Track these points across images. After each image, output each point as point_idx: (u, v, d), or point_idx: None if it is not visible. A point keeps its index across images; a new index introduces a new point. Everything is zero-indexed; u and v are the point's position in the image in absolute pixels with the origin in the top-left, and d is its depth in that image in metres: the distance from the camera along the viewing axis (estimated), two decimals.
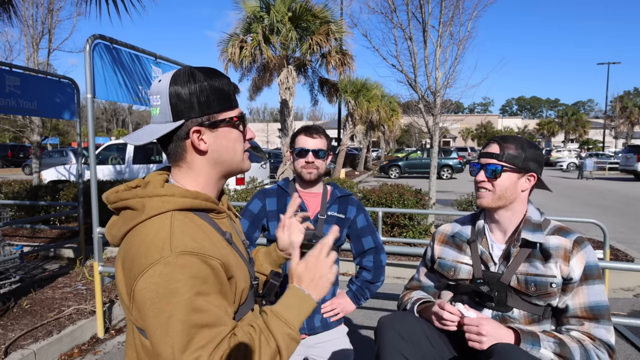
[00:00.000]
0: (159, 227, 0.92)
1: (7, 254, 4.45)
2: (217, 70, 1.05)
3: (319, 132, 1.94)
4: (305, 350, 1.94)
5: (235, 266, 0.99)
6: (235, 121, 1.04)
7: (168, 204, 0.96)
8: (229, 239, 1.03)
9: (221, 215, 1.08)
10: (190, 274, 0.86)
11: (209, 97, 1.00)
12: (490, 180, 1.51)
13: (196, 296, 0.85)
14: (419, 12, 6.93)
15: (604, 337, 1.37)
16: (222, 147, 1.03)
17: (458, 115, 47.65)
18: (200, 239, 0.93)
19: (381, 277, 2.03)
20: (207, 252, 0.90)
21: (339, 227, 1.95)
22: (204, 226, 0.99)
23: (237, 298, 0.99)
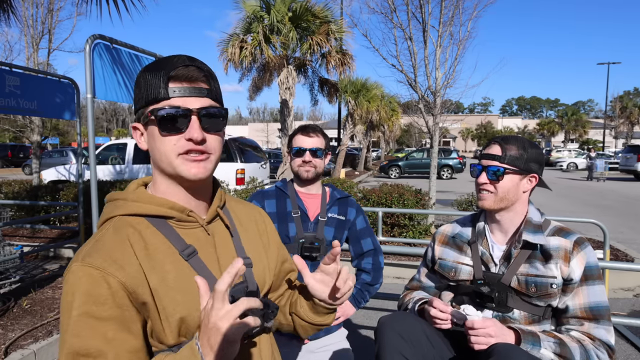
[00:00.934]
0: (96, 233, 0.90)
1: (7, 254, 4.45)
2: (172, 56, 0.91)
3: (315, 131, 1.94)
4: (307, 355, 1.93)
5: (171, 288, 0.85)
6: (150, 115, 0.87)
7: (118, 209, 0.91)
8: (187, 253, 0.90)
9: (187, 224, 0.93)
10: (85, 290, 0.79)
11: (140, 90, 0.89)
12: (492, 183, 1.50)
13: (83, 317, 0.78)
14: (419, 12, 6.93)
15: (603, 338, 1.37)
16: (151, 147, 0.91)
17: (458, 115, 47.64)
18: (118, 253, 0.83)
19: (380, 279, 2.03)
20: (112, 270, 0.81)
21: (339, 229, 1.95)
22: (150, 235, 0.89)
23: (168, 328, 0.84)
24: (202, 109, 0.88)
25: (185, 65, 0.87)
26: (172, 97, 0.86)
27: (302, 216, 1.91)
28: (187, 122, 0.87)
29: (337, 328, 1.99)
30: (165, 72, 0.86)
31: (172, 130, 0.87)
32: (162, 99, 0.87)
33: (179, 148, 0.88)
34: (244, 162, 9.29)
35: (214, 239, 0.97)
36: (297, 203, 1.93)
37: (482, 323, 1.33)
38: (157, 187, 0.95)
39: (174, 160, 0.88)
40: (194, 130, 0.87)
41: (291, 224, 1.90)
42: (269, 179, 10.98)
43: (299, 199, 1.95)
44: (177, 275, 0.87)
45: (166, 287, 0.85)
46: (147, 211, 0.90)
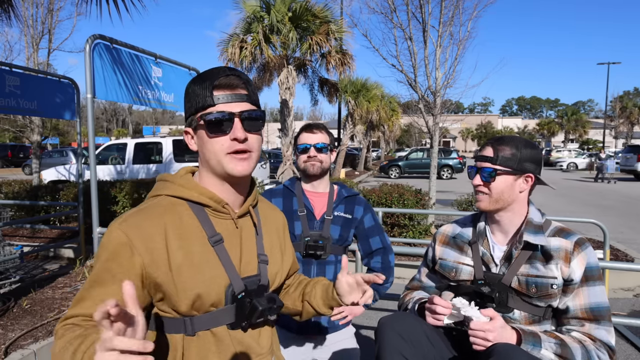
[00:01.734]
0: (144, 203, 1.04)
1: (7, 254, 4.45)
2: (215, 68, 1.05)
3: (319, 128, 1.95)
4: (313, 351, 1.94)
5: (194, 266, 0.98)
6: (200, 121, 1.01)
7: (166, 189, 1.05)
8: (214, 239, 1.03)
9: (221, 214, 1.06)
10: (112, 248, 0.94)
11: (189, 100, 1.04)
12: (486, 184, 1.51)
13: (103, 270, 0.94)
14: (419, 12, 6.94)
15: (604, 338, 1.37)
16: (202, 147, 1.04)
17: (458, 115, 47.67)
18: (149, 227, 0.97)
19: (390, 278, 2.01)
20: (138, 237, 0.94)
21: (346, 227, 1.95)
22: (187, 217, 1.02)
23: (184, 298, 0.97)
24: (243, 112, 1.01)
25: (226, 75, 1.01)
26: (217, 103, 1.00)
27: (308, 215, 1.92)
28: (231, 124, 1.00)
29: (345, 325, 1.99)
30: (210, 82, 1.00)
31: (219, 132, 1.00)
32: (208, 105, 1.00)
33: (226, 148, 1.00)
34: None
35: (241, 232, 1.10)
36: (304, 201, 1.94)
37: (482, 326, 1.32)
38: (202, 178, 1.07)
39: (222, 158, 1.01)
40: (238, 130, 0.99)
41: (297, 223, 1.91)
42: (269, 179, 10.99)
43: (305, 197, 1.95)
44: (202, 256, 1.00)
45: (190, 264, 0.98)
46: (190, 196, 1.03)
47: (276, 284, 1.17)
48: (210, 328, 1.01)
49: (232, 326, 1.04)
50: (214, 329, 1.02)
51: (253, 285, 1.07)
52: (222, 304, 1.02)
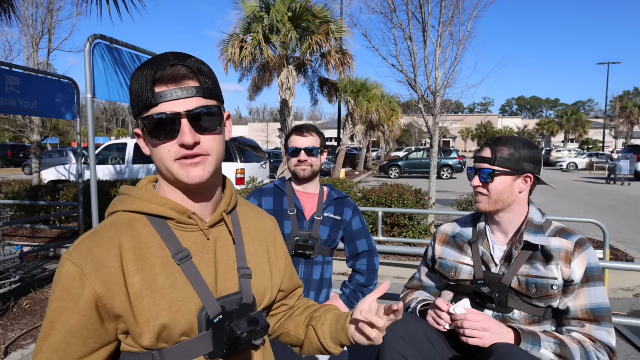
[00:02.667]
0: (98, 225, 0.90)
1: (7, 254, 4.45)
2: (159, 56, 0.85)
3: (309, 130, 1.95)
4: None
5: (156, 291, 0.83)
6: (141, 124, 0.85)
7: (121, 204, 0.91)
8: (180, 257, 0.87)
9: (188, 227, 0.90)
10: (62, 285, 0.81)
11: (132, 96, 0.86)
12: (485, 185, 1.51)
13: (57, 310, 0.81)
14: (419, 12, 6.93)
15: (604, 339, 1.37)
16: (151, 153, 0.88)
17: (458, 115, 47.68)
18: (100, 252, 0.82)
19: (374, 281, 2.04)
20: (89, 265, 0.81)
21: (335, 229, 1.96)
22: (146, 234, 0.87)
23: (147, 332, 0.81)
24: (192, 110, 0.82)
25: (170, 64, 0.82)
26: (160, 102, 0.82)
27: (298, 215, 1.93)
28: (177, 126, 0.82)
29: None
30: (150, 75, 0.81)
31: (164, 137, 0.83)
32: (150, 105, 0.82)
33: (174, 154, 0.84)
34: (244, 162, 9.30)
35: (216, 244, 0.93)
36: (294, 202, 1.95)
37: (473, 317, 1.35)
38: (162, 187, 0.93)
39: (171, 166, 0.85)
40: (185, 135, 0.82)
41: (287, 222, 1.92)
42: (269, 179, 10.98)
43: (296, 197, 1.97)
44: (165, 279, 0.84)
45: (152, 290, 0.83)
46: (148, 210, 0.88)
47: (266, 301, 1.00)
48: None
49: (211, 356, 0.87)
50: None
51: (233, 305, 0.90)
52: (195, 332, 0.86)
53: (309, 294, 1.94)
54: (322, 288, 1.98)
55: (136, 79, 0.83)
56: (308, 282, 1.93)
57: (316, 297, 1.96)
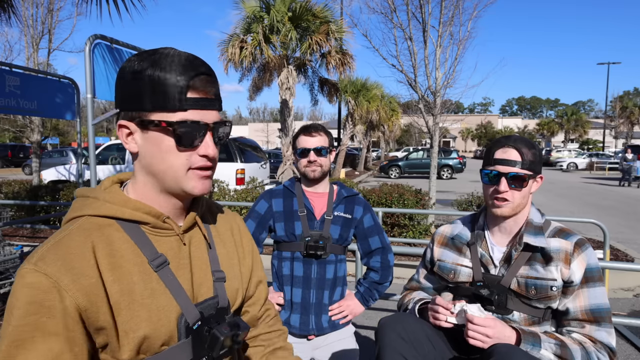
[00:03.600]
0: (59, 231, 0.80)
1: (7, 254, 4.45)
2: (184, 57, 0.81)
3: (318, 130, 1.94)
4: (312, 351, 1.94)
5: (135, 301, 0.78)
6: (165, 127, 0.79)
7: (87, 207, 0.83)
8: (156, 263, 0.83)
9: (162, 232, 0.87)
10: (30, 298, 0.71)
11: (141, 89, 0.79)
12: (514, 190, 1.44)
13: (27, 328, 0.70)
14: (419, 12, 6.94)
15: (605, 340, 1.37)
16: (151, 154, 0.82)
17: (458, 115, 47.71)
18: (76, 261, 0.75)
19: (389, 278, 2.03)
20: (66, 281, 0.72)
21: (345, 227, 1.96)
22: (119, 241, 0.81)
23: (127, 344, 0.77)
24: (217, 124, 0.84)
25: (203, 73, 0.81)
26: (189, 108, 0.79)
27: (308, 215, 1.92)
28: (202, 137, 0.82)
29: (345, 325, 2.00)
30: (183, 78, 0.78)
31: (189, 145, 0.81)
32: (178, 109, 0.79)
33: (191, 163, 0.83)
34: (244, 162, 9.29)
35: (190, 248, 0.91)
36: (304, 202, 1.94)
37: (483, 321, 1.33)
38: (138, 188, 0.87)
39: (182, 175, 0.83)
40: (210, 147, 0.83)
41: (297, 223, 1.91)
42: (269, 179, 10.99)
43: (305, 197, 1.96)
44: (144, 287, 0.80)
45: (131, 300, 0.78)
46: (120, 214, 0.83)
47: (237, 302, 0.99)
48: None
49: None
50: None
51: (210, 310, 0.89)
52: (174, 340, 0.83)
53: (323, 293, 1.92)
54: (335, 286, 1.97)
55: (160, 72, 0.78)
56: (321, 281, 1.92)
57: (330, 295, 1.95)
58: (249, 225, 1.98)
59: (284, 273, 1.94)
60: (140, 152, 0.84)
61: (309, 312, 1.90)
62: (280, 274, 1.96)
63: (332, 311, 1.94)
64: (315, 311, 1.91)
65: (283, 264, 1.94)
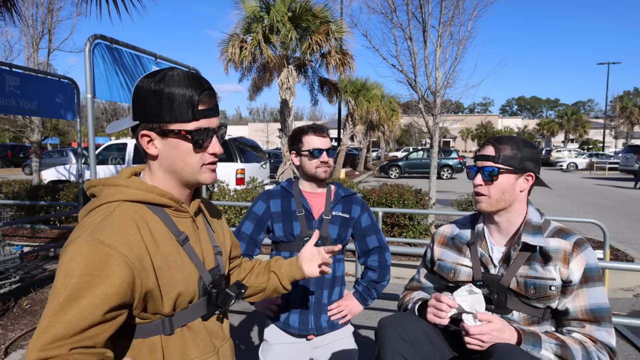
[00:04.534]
0: (102, 212, 0.96)
1: (7, 254, 4.46)
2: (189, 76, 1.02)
3: (325, 131, 1.97)
4: (312, 350, 1.95)
5: (173, 267, 1.00)
6: (184, 135, 1.01)
7: (120, 193, 1.00)
8: (181, 239, 1.04)
9: (181, 214, 1.08)
10: (90, 262, 0.85)
11: (161, 105, 0.99)
12: (488, 184, 1.49)
13: (84, 287, 0.84)
14: (419, 12, 6.94)
15: (605, 340, 1.37)
16: (172, 156, 1.03)
17: (458, 115, 47.69)
18: (124, 234, 0.92)
19: (387, 277, 2.03)
20: (124, 250, 0.89)
21: (344, 227, 1.96)
22: (151, 221, 1.00)
23: (168, 300, 0.99)
24: (220, 127, 1.08)
25: (209, 88, 1.03)
26: (200, 118, 1.01)
27: (306, 215, 1.93)
28: (210, 139, 1.05)
29: (344, 324, 2.00)
30: (195, 93, 1.00)
31: (202, 147, 1.03)
32: (192, 119, 1.00)
33: (204, 160, 1.05)
34: (244, 162, 9.29)
35: (198, 228, 1.14)
36: (302, 202, 1.94)
37: (478, 330, 1.32)
38: (156, 179, 1.06)
39: (197, 170, 1.05)
40: (217, 146, 1.06)
41: (295, 223, 1.92)
42: (269, 179, 10.99)
43: (303, 198, 1.96)
44: (176, 257, 1.01)
45: (169, 266, 0.99)
46: (149, 199, 1.02)
47: (227, 269, 1.26)
48: (187, 323, 1.05)
49: (205, 317, 1.10)
50: (189, 323, 1.06)
51: (216, 276, 1.14)
52: (196, 298, 1.06)
53: (322, 293, 1.93)
54: (334, 286, 1.97)
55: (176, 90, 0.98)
56: (320, 280, 1.92)
57: (329, 295, 1.95)
58: (247, 226, 1.98)
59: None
60: (160, 155, 1.04)
61: (308, 312, 1.91)
62: None
63: (331, 311, 1.94)
64: (314, 311, 1.91)
65: None
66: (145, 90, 1.00)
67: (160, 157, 1.04)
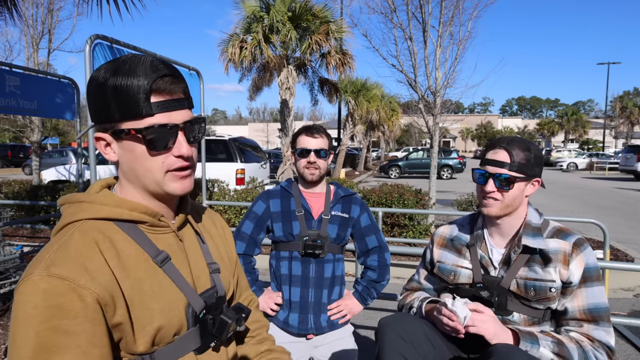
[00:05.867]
0: (58, 237, 0.80)
1: (7, 254, 4.46)
2: (144, 61, 0.81)
3: (319, 132, 1.94)
4: (311, 350, 1.95)
5: (146, 296, 0.81)
6: (134, 134, 0.81)
7: (82, 211, 0.83)
8: (160, 259, 0.86)
9: (160, 229, 0.90)
10: (49, 302, 0.70)
11: (108, 100, 0.80)
12: (501, 191, 1.45)
13: (51, 332, 0.70)
14: (419, 12, 6.94)
15: (603, 339, 1.37)
16: (130, 161, 0.85)
17: (458, 115, 47.69)
18: (86, 262, 0.76)
19: (386, 276, 2.04)
20: (83, 281, 0.73)
21: (343, 227, 1.97)
22: (120, 240, 0.83)
23: (142, 337, 0.80)
24: (187, 122, 0.86)
25: (164, 75, 0.82)
26: (155, 112, 0.81)
27: (305, 215, 1.93)
28: (174, 138, 0.84)
29: (344, 324, 2.00)
30: (144, 83, 0.79)
31: (161, 149, 0.83)
32: (145, 114, 0.80)
33: (168, 165, 0.85)
34: (244, 162, 9.30)
35: (185, 244, 0.95)
36: (301, 202, 1.95)
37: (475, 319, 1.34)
38: (126, 191, 0.89)
39: (161, 177, 0.85)
40: (183, 147, 0.85)
41: (295, 223, 1.92)
42: (269, 179, 10.99)
43: (302, 197, 1.97)
44: (151, 282, 0.83)
45: (141, 295, 0.81)
46: (118, 215, 0.84)
47: (231, 290, 1.06)
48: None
49: (199, 350, 0.91)
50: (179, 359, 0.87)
51: (212, 299, 0.94)
52: (184, 329, 0.88)
53: (322, 293, 1.93)
54: (334, 286, 1.97)
55: (118, 81, 0.79)
56: (320, 280, 1.92)
57: (328, 295, 1.95)
58: (247, 226, 1.99)
59: (282, 273, 1.95)
60: (120, 161, 0.86)
61: (308, 312, 1.91)
62: (278, 273, 1.96)
63: (331, 311, 1.95)
64: (313, 310, 1.92)
65: (281, 264, 1.95)
66: (93, 83, 0.81)
67: (120, 164, 0.87)
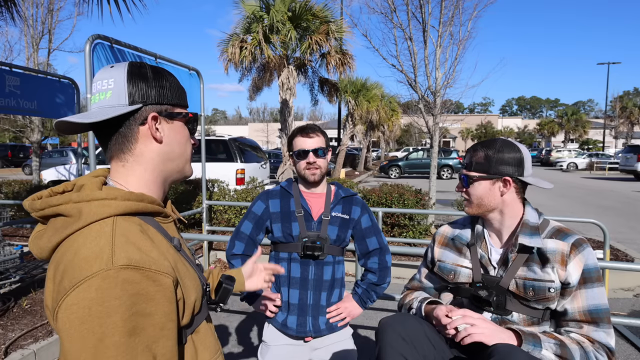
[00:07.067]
0: (98, 235, 0.79)
1: (7, 254, 4.46)
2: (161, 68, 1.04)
3: (315, 131, 1.91)
4: (310, 352, 1.93)
5: (184, 275, 0.90)
6: (191, 117, 1.00)
7: (109, 208, 0.83)
8: (177, 245, 0.94)
9: (168, 219, 0.98)
10: (132, 292, 0.74)
11: (167, 87, 0.95)
12: (466, 190, 1.55)
13: (136, 316, 0.74)
14: (419, 12, 6.94)
15: (603, 340, 1.36)
16: (176, 141, 0.97)
17: (458, 115, 47.64)
18: (147, 249, 0.81)
19: (387, 279, 2.01)
20: (155, 266, 0.79)
21: (343, 228, 1.94)
22: (151, 232, 0.88)
23: (187, 311, 0.89)
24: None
25: None
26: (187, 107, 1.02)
27: (305, 215, 1.91)
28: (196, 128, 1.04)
29: (343, 327, 1.98)
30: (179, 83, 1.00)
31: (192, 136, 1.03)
32: (186, 105, 1.01)
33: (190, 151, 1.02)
34: (244, 162, 9.29)
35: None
36: (301, 202, 1.92)
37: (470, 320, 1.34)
38: (136, 182, 0.93)
39: (189, 160, 1.02)
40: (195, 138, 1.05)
41: (294, 224, 1.90)
42: (269, 179, 10.99)
43: (302, 198, 1.94)
44: (181, 264, 0.92)
45: (181, 275, 0.89)
46: (142, 209, 0.89)
47: None
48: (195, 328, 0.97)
49: (207, 319, 1.04)
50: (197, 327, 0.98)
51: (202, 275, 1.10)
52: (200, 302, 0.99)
53: (321, 295, 1.90)
54: (333, 288, 1.95)
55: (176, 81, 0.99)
56: (319, 282, 1.90)
57: (328, 297, 1.93)
58: (246, 226, 1.96)
59: (281, 274, 1.93)
60: (165, 140, 0.95)
61: (306, 314, 1.89)
62: (277, 275, 1.95)
63: (330, 313, 1.92)
64: (312, 313, 1.89)
65: (280, 265, 1.93)
66: (148, 73, 0.93)
67: (164, 143, 0.95)
